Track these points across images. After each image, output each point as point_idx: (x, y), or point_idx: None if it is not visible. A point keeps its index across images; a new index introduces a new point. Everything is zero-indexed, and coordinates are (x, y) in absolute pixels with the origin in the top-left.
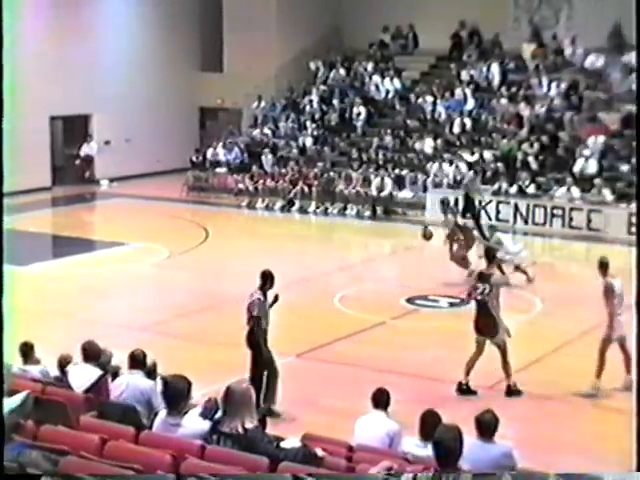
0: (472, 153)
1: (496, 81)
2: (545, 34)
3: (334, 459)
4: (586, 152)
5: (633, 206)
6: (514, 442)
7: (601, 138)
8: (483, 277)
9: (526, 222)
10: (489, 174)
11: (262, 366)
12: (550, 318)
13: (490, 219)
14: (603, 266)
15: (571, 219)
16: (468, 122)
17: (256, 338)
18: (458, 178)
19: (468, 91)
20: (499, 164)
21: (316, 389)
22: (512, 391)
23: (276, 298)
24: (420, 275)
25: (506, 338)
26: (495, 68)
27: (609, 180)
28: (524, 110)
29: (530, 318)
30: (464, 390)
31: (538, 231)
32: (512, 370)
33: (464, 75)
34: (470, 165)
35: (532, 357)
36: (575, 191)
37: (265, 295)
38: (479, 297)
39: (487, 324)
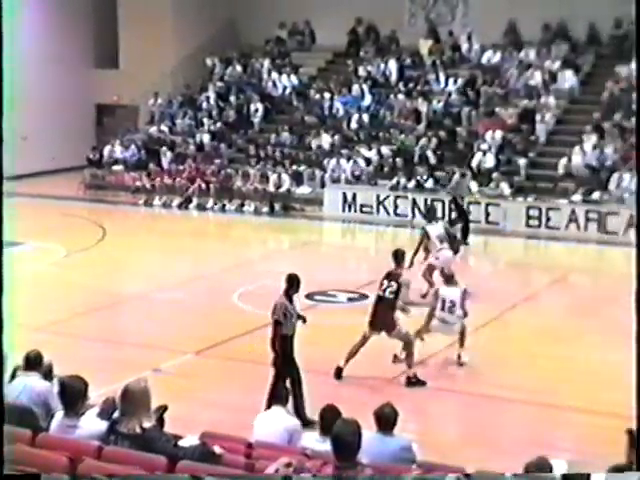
0: (370, 148)
1: (393, 77)
2: (441, 30)
3: (233, 456)
4: (484, 146)
5: (530, 199)
6: (414, 435)
7: (498, 133)
8: (391, 276)
9: (424, 217)
10: (387, 169)
11: (285, 373)
12: None
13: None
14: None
15: (469, 213)
16: (366, 118)
17: (278, 344)
18: (356, 174)
19: (365, 87)
20: (397, 159)
21: (215, 386)
22: (413, 382)
23: (304, 320)
24: (318, 270)
25: (409, 331)
26: (392, 64)
27: (507, 174)
28: (421, 105)
29: (427, 312)
30: (340, 375)
31: None
32: (414, 362)
33: (361, 71)
34: (368, 160)
35: (430, 351)
36: (473, 185)
37: (291, 300)
38: (381, 294)
39: (385, 320)
